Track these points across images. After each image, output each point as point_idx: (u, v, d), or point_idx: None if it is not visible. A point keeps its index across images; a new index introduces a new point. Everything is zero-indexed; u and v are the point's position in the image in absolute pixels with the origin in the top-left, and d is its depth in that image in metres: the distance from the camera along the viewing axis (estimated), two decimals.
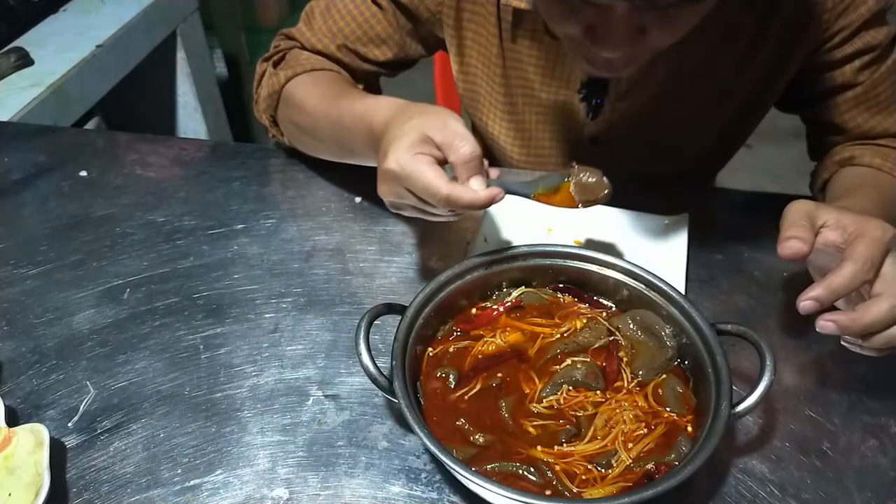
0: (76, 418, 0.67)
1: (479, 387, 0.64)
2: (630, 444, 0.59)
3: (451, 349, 0.67)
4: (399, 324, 0.63)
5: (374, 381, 0.59)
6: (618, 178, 0.67)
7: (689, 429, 0.61)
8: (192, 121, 1.90)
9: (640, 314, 0.67)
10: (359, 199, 0.91)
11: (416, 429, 0.55)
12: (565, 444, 0.59)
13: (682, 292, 0.68)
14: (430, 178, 0.60)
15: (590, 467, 0.58)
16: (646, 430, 0.60)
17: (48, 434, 0.59)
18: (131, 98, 1.67)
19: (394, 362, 0.60)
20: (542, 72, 0.88)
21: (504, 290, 0.72)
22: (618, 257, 0.69)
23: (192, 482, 0.62)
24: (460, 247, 0.84)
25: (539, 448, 0.59)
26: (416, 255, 0.83)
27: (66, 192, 0.93)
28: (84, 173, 0.95)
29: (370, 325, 0.61)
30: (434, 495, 0.61)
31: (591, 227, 0.84)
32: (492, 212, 0.86)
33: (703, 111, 0.89)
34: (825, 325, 0.59)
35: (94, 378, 0.70)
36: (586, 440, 0.60)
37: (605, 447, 0.59)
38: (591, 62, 0.69)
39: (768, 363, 0.58)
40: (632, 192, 0.88)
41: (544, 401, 0.63)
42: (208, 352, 0.73)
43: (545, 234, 0.84)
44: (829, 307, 0.59)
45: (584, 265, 0.70)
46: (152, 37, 1.65)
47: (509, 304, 0.70)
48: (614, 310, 0.71)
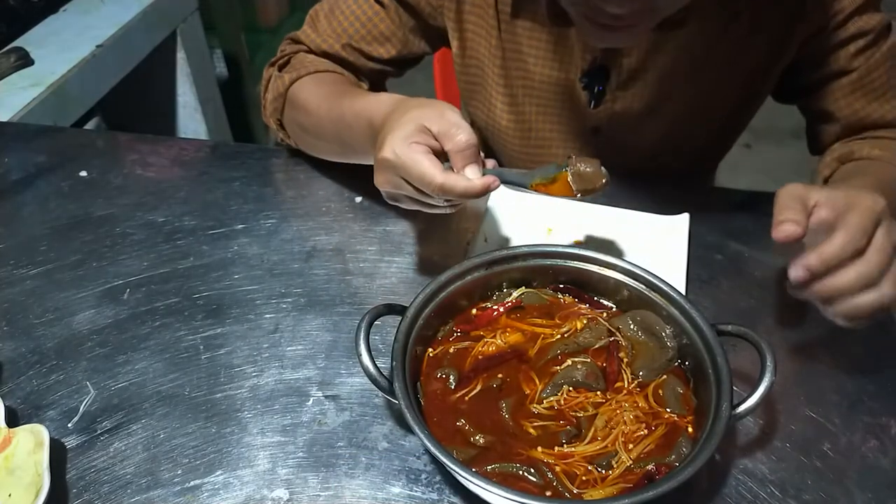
0: (76, 419, 0.67)
1: (479, 387, 0.64)
2: (630, 445, 0.59)
3: (451, 350, 0.67)
4: (399, 324, 0.63)
5: (374, 381, 0.59)
6: (617, 172, 0.67)
7: (690, 429, 0.60)
8: (192, 121, 1.90)
9: (640, 314, 0.67)
10: (359, 199, 0.91)
11: (417, 429, 0.55)
12: (566, 445, 0.59)
13: (683, 292, 0.68)
14: (425, 166, 0.61)
15: (590, 468, 0.58)
16: (646, 430, 0.60)
17: (48, 434, 0.59)
18: (131, 98, 1.67)
19: (394, 363, 0.60)
20: (543, 60, 0.88)
21: (504, 290, 0.72)
22: (618, 257, 0.69)
23: (192, 483, 0.62)
24: (460, 247, 0.84)
25: (539, 449, 0.59)
26: (417, 256, 0.83)
27: (66, 192, 0.93)
28: (84, 173, 0.95)
29: (370, 325, 0.61)
30: (434, 496, 0.61)
31: (591, 227, 0.84)
32: (492, 212, 0.86)
33: (703, 101, 0.90)
34: (797, 273, 0.59)
35: (94, 378, 0.70)
36: (587, 441, 0.60)
37: (605, 448, 0.59)
38: (595, 26, 0.68)
39: (769, 364, 0.58)
40: (632, 191, 0.89)
41: (545, 401, 0.63)
42: (208, 352, 0.73)
43: (545, 234, 0.84)
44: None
45: (585, 265, 0.70)
46: (152, 37, 1.65)
47: (510, 304, 0.70)
48: (615, 310, 0.71)
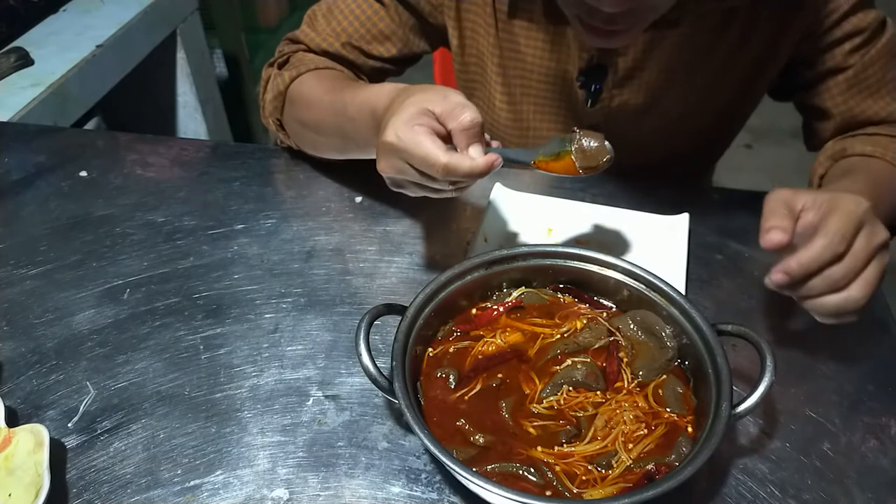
0: (76, 419, 0.67)
1: (479, 387, 0.64)
2: (630, 445, 0.59)
3: (451, 349, 0.67)
4: (399, 324, 0.63)
5: (374, 381, 0.59)
6: (615, 170, 0.66)
7: (690, 429, 0.60)
8: (192, 121, 1.90)
9: (640, 314, 0.67)
10: (359, 198, 0.91)
11: (417, 429, 0.55)
12: (565, 445, 0.59)
13: (683, 292, 0.68)
14: (427, 147, 0.60)
15: (590, 468, 0.58)
16: (646, 430, 0.60)
17: (48, 434, 0.59)
18: (131, 98, 1.67)
19: (394, 363, 0.60)
20: (540, 59, 0.88)
21: (504, 290, 0.72)
22: (618, 257, 0.69)
23: (192, 483, 0.62)
24: (460, 247, 0.84)
25: (539, 448, 0.59)
26: (417, 256, 0.83)
27: (66, 192, 0.93)
28: (84, 173, 0.95)
29: (370, 325, 0.61)
30: (434, 496, 0.61)
31: (591, 227, 0.84)
32: (492, 212, 0.86)
33: (699, 99, 0.90)
34: (777, 277, 0.60)
35: (94, 378, 0.70)
36: (586, 441, 0.60)
37: (605, 448, 0.59)
38: (590, 27, 0.69)
39: (769, 363, 0.58)
40: (632, 191, 0.89)
41: (544, 401, 0.63)
42: (208, 352, 0.73)
43: (545, 234, 0.84)
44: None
45: (585, 265, 0.70)
46: (152, 37, 1.65)
47: (509, 304, 0.70)
48: (615, 310, 0.71)
